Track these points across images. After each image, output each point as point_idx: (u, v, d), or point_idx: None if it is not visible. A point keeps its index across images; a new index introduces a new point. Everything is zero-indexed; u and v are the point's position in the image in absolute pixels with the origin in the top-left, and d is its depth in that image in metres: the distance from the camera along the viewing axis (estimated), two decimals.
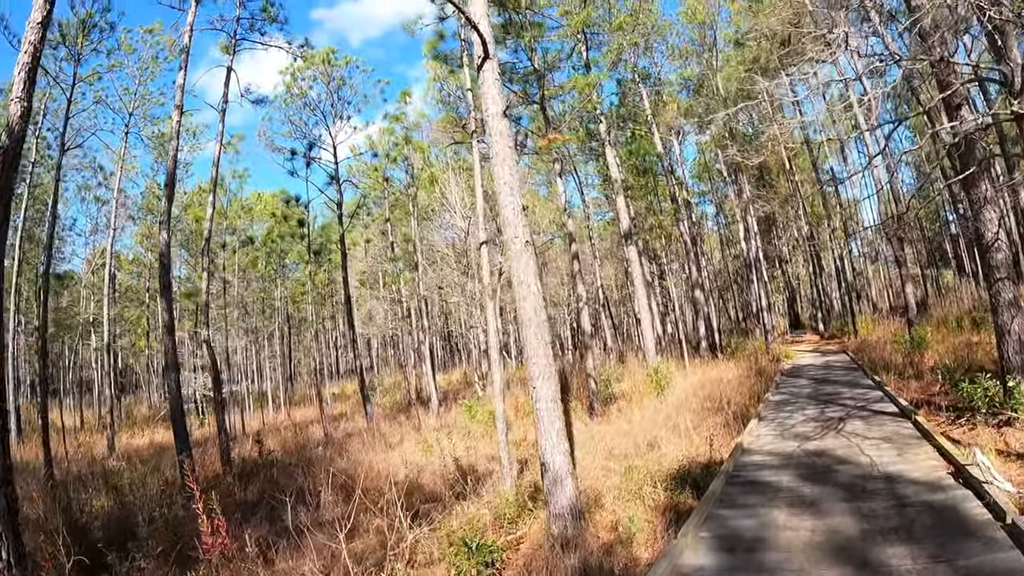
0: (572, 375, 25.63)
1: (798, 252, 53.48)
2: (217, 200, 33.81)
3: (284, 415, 34.60)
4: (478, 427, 20.22)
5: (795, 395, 17.86)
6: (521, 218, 9.74)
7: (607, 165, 26.54)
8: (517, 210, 9.75)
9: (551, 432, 9.27)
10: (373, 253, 37.39)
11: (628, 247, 25.28)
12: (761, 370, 23.20)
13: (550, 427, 9.28)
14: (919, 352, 20.38)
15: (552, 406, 9.30)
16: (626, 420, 18.58)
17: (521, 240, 9.62)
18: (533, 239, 10.03)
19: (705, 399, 18.36)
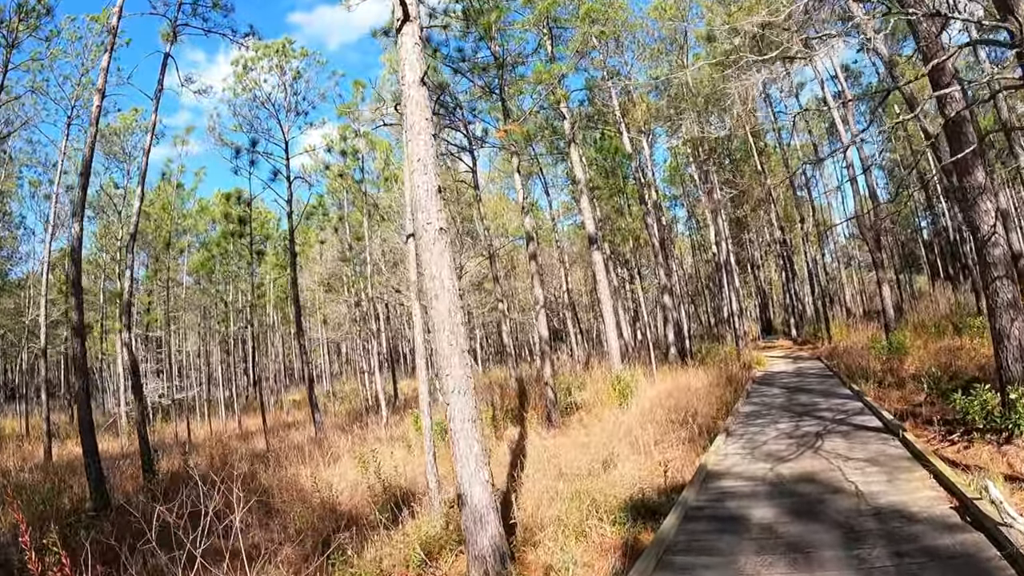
0: (531, 383, 23.86)
1: (770, 257, 52.13)
2: (172, 198, 31.89)
3: (236, 423, 32.52)
4: (435, 438, 18.36)
5: (767, 406, 16.17)
6: (436, 201, 8.00)
7: (572, 164, 24.77)
8: (431, 191, 8.02)
9: (468, 458, 7.51)
10: (333, 255, 35.39)
11: (593, 250, 23.56)
12: (731, 378, 21.58)
13: (467, 452, 7.52)
14: (898, 358, 18.89)
15: (469, 427, 7.54)
16: (585, 432, 16.91)
17: (435, 227, 7.88)
18: (491, 240, 8.26)
19: (671, 410, 16.71)
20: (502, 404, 21.68)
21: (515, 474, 12.64)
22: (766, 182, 37.28)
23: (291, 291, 25.05)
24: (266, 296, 40.44)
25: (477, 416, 7.70)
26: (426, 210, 7.99)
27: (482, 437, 7.72)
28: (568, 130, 24.60)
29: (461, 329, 7.78)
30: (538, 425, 18.99)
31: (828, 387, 17.85)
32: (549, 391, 18.53)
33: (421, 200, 8.05)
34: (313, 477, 14.92)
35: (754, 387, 20.42)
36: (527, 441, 17.04)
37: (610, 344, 22.79)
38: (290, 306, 29.83)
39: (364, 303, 33.91)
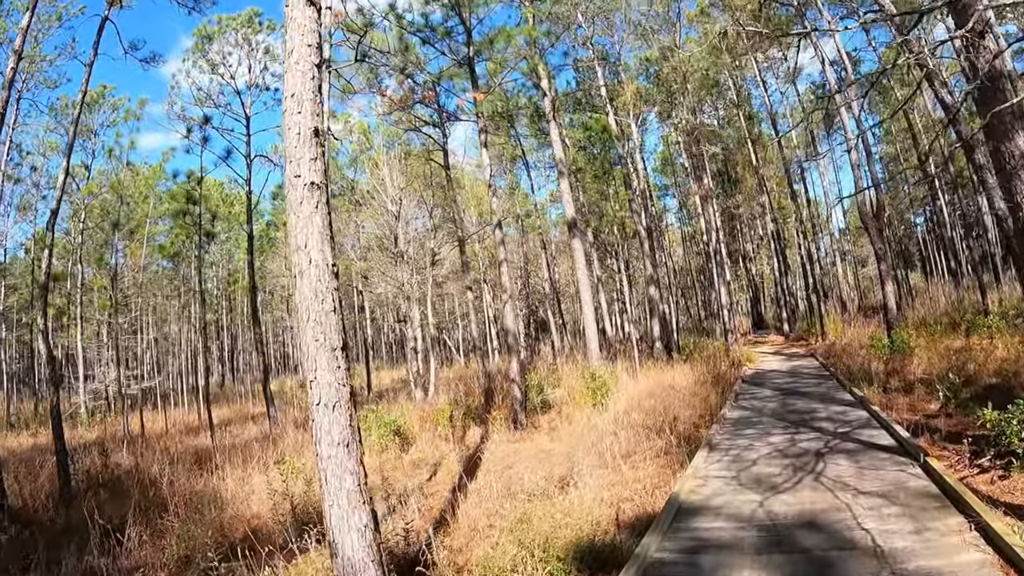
0: (502, 379, 21.63)
1: (762, 249, 49.84)
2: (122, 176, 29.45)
3: (198, 415, 30.24)
4: (377, 441, 16.19)
5: (757, 411, 13.91)
6: (310, 147, 5.81)
7: (552, 143, 22.48)
8: (305, 135, 5.81)
9: (339, 495, 5.36)
10: None
11: (573, 236, 21.30)
12: (719, 377, 19.40)
13: (337, 487, 5.37)
14: (902, 359, 16.68)
15: (342, 454, 5.39)
16: (552, 437, 14.79)
17: (304, 181, 5.67)
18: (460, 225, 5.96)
19: (650, 412, 14.62)
20: (466, 402, 19.46)
21: (460, 489, 10.50)
22: (760, 171, 34.99)
23: (247, 275, 22.77)
24: (239, 283, 38.06)
25: (355, 437, 5.52)
26: (296, 159, 5.81)
27: (357, 465, 5.49)
28: (548, 108, 22.27)
29: (332, 320, 5.59)
30: (503, 426, 16.89)
31: (826, 390, 15.57)
32: (516, 390, 16.33)
33: (291, 147, 5.90)
34: (244, 484, 12.81)
35: (743, 387, 18.17)
36: (486, 446, 14.99)
37: (588, 338, 20.61)
38: (248, 291, 27.47)
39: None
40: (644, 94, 32.46)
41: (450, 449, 15.28)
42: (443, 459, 14.30)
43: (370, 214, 30.43)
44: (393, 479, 13.57)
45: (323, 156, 6.15)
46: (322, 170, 6.07)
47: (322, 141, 6.19)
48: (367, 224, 31.27)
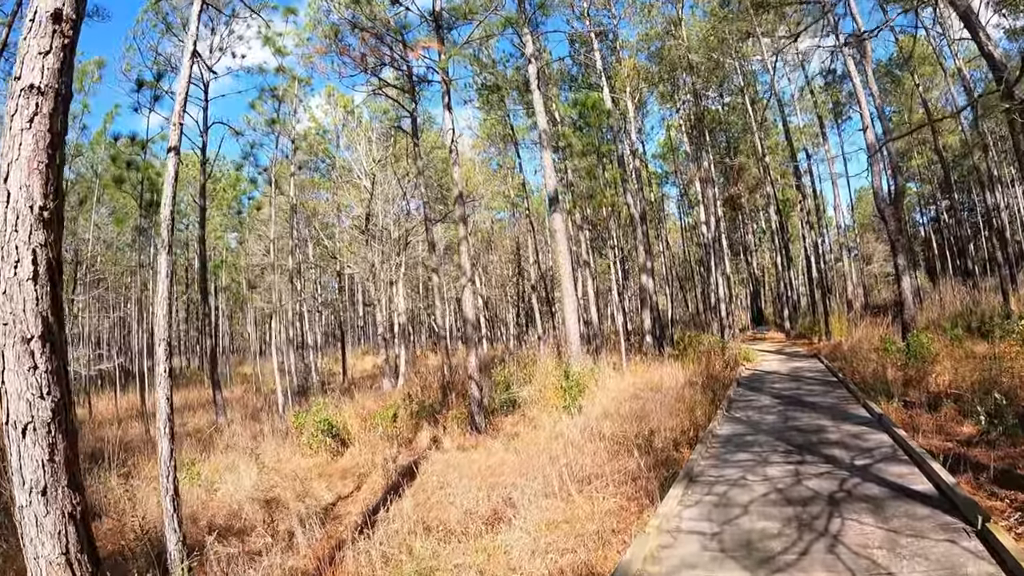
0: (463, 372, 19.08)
1: (765, 243, 46.96)
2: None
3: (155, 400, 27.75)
4: (308, 442, 13.64)
5: (753, 427, 11.23)
6: (44, 37, 3.33)
7: (535, 111, 19.76)
8: (42, 19, 3.26)
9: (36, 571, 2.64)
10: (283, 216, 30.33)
11: (554, 213, 18.63)
12: (712, 377, 16.83)
13: (34, 556, 2.83)
14: (921, 366, 14.00)
15: (38, 505, 3.61)
16: (509, 446, 12.56)
17: (24, 82, 3.42)
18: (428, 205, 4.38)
19: (628, 419, 12.09)
20: (422, 398, 16.87)
21: (373, 513, 9.01)
22: (764, 158, 32.14)
23: (199, 249, 20.16)
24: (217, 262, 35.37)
25: (62, 478, 2.94)
26: (23, 54, 3.20)
27: (72, 524, 2.98)
28: (533, 75, 19.55)
29: (29, 292, 2.99)
30: (460, 429, 14.32)
31: (835, 401, 12.86)
32: (473, 388, 13.80)
33: (22, 39, 3.27)
34: (149, 492, 10.48)
35: (739, 393, 15.50)
36: (432, 453, 12.39)
37: (569, 329, 18.01)
38: (197, 266, 24.88)
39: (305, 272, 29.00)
40: (644, 74, 29.72)
41: (392, 455, 12.79)
42: (376, 468, 11.77)
43: (347, 192, 27.83)
44: (312, 491, 11.07)
45: (62, 55, 3.55)
46: (55, 71, 3.48)
47: (66, 32, 3.56)
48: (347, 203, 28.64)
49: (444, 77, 14.98)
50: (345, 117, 29.30)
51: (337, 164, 27.69)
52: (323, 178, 31.46)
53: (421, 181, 20.52)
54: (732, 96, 39.62)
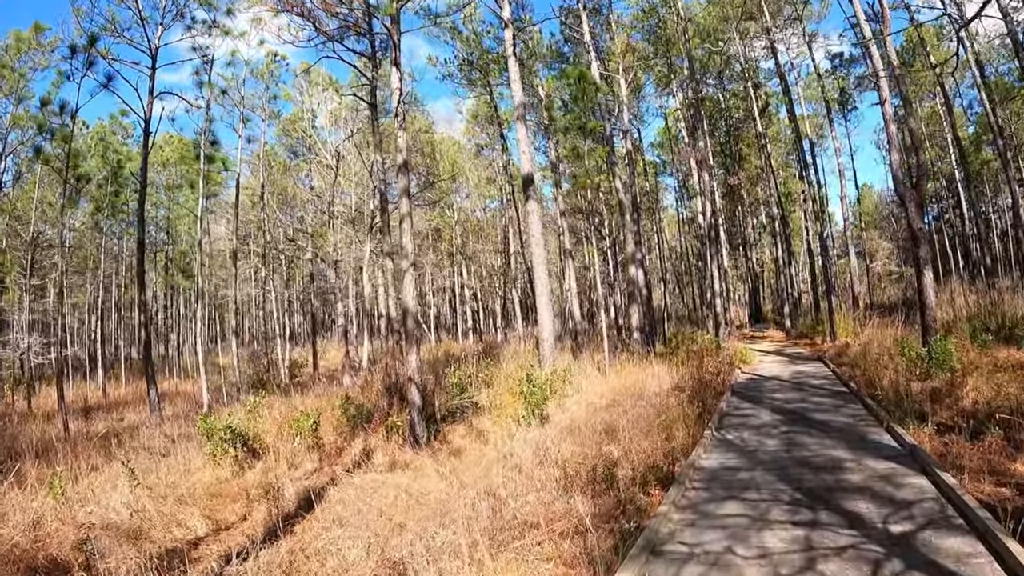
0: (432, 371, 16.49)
1: (765, 237, 44.16)
2: None
3: (103, 391, 25.30)
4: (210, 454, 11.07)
5: (748, 457, 8.61)
6: None
7: (509, 80, 17.14)
8: None
9: None
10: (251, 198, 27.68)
11: (527, 196, 16.06)
12: (703, 382, 14.25)
13: None
14: (949, 378, 11.41)
15: None
16: (445, 467, 10.45)
17: None
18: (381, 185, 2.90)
19: (595, 437, 9.65)
20: (361, 400, 14.32)
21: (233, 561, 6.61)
22: (766, 146, 29.48)
23: (137, 230, 17.60)
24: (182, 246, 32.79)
25: None
26: None
27: None
28: (509, 40, 16.96)
29: None
30: (402, 439, 11.74)
31: (850, 420, 10.22)
32: (413, 392, 11.30)
33: None
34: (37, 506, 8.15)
35: (732, 404, 12.89)
36: (357, 472, 9.91)
37: (542, 324, 15.48)
38: (135, 249, 22.30)
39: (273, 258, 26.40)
40: (640, 53, 27.01)
41: (309, 471, 10.34)
42: (273, 490, 9.26)
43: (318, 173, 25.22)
44: (187, 518, 8.57)
45: None
46: None
47: None
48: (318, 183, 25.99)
49: (392, 27, 12.39)
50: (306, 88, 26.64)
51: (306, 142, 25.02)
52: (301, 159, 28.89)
53: (379, 157, 17.87)
54: (734, 83, 36.94)
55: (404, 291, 12.39)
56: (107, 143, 28.46)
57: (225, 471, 10.63)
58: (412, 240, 12.46)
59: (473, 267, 39.39)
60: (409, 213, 12.51)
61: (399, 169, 12.75)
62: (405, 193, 12.63)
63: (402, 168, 12.68)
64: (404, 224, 12.45)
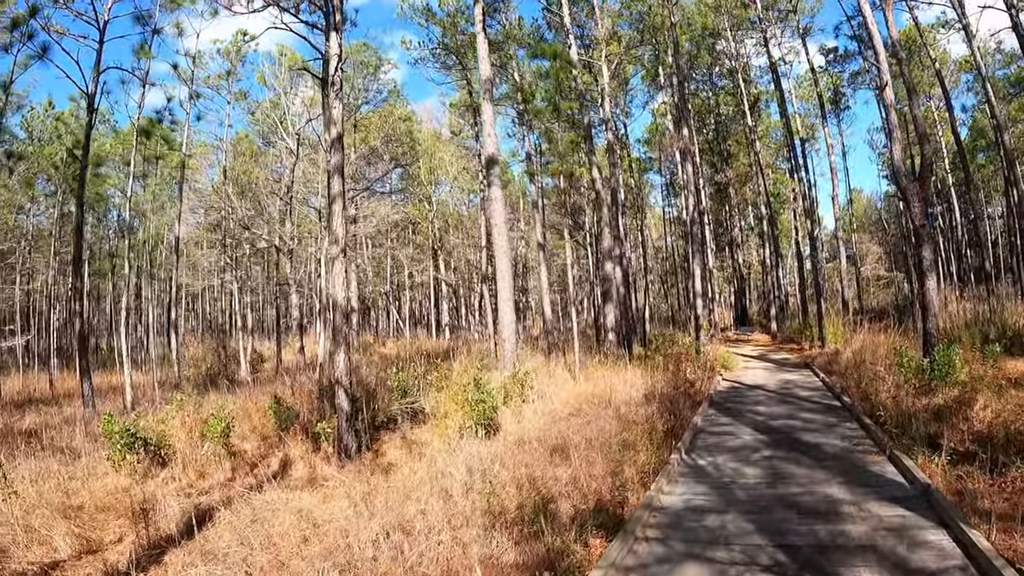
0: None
1: (752, 239, 42.45)
2: None
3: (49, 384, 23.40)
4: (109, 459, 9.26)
5: (722, 494, 6.84)
6: None
7: (477, 56, 15.38)
8: None
9: None
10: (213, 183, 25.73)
11: (490, 182, 14.27)
12: (679, 391, 12.51)
13: None
14: (960, 394, 9.71)
15: None
16: (365, 488, 8.34)
17: None
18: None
19: (545, 455, 8.30)
20: (291, 402, 12.49)
21: None
22: (755, 143, 27.79)
23: (76, 214, 15.77)
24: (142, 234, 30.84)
25: None
26: None
27: None
28: (479, 16, 15.19)
29: None
30: (329, 450, 9.98)
31: (846, 445, 8.45)
32: (342, 397, 9.60)
33: None
34: None
35: (709, 417, 11.14)
36: (267, 489, 8.34)
37: (503, 321, 13.82)
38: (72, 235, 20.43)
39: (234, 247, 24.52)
40: (626, 40, 25.26)
41: (219, 482, 8.75)
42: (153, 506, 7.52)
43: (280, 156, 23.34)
44: (52, 536, 6.86)
45: None
46: None
47: None
48: None
49: None
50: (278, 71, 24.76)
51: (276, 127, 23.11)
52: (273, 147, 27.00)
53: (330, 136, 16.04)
54: (724, 80, 35.26)
55: (333, 281, 10.58)
56: (65, 124, 26.58)
57: (126, 479, 8.91)
58: (344, 224, 10.72)
59: (452, 262, 37.58)
60: (340, 193, 10.76)
61: (331, 144, 11.00)
62: (337, 171, 10.88)
63: (335, 143, 10.94)
64: (335, 206, 10.70)
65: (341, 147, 11.24)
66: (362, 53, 32.74)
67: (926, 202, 12.75)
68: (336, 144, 11.04)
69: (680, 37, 23.88)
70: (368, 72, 32.95)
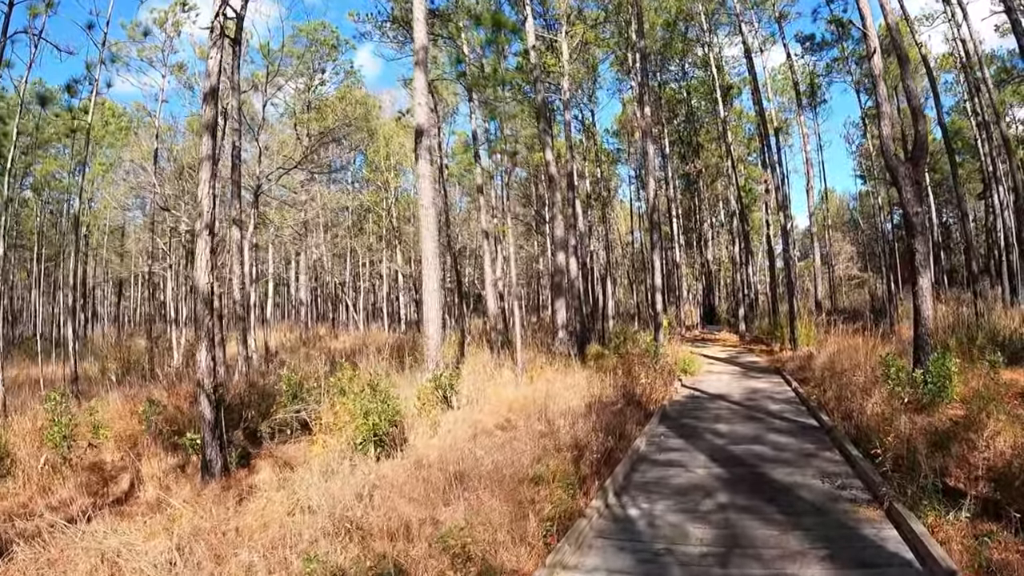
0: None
1: (723, 236, 40.43)
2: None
3: None
4: None
5: (657, 565, 4.53)
6: None
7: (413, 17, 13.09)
8: None
9: None
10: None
11: (417, 156, 11.94)
12: (628, 402, 10.30)
13: None
14: (951, 410, 7.67)
15: None
16: (184, 527, 5.48)
17: None
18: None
19: (439, 489, 6.20)
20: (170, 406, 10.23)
21: None
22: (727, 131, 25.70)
23: None
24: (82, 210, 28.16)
25: None
26: None
27: None
28: None
29: None
30: (177, 480, 7.67)
31: (830, 489, 6.20)
32: (204, 403, 7.38)
33: None
34: None
35: (657, 439, 8.89)
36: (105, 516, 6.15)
37: (427, 317, 11.62)
38: None
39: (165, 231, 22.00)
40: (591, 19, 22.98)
41: (61, 501, 7.09)
42: None
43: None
44: None
45: None
46: None
47: None
48: None
49: None
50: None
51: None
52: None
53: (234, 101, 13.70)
54: (697, 70, 33.20)
55: (196, 264, 8.29)
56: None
57: None
58: (211, 194, 8.44)
59: (413, 253, 35.17)
60: (209, 157, 8.48)
61: (204, 97, 8.75)
62: (208, 129, 8.63)
63: (208, 97, 8.68)
64: (202, 172, 8.46)
65: (215, 102, 8.99)
66: (319, 31, 30.66)
67: (920, 186, 10.60)
68: (209, 98, 8.82)
69: (645, 12, 21.63)
70: (324, 51, 30.73)
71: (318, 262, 32.96)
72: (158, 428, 9.50)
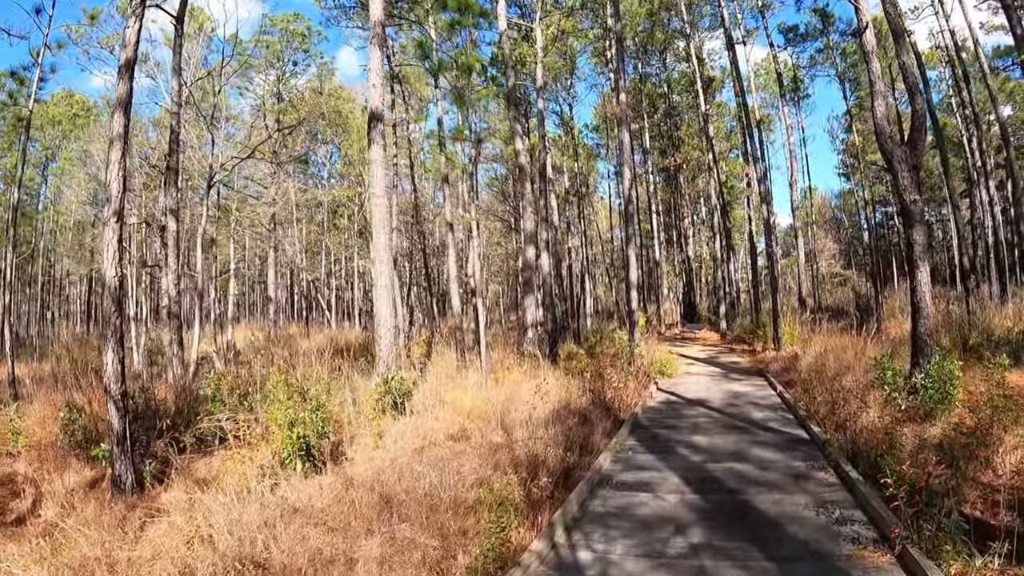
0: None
1: (704, 232, 39.43)
2: None
3: None
4: None
5: None
6: None
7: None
8: None
9: None
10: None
11: (371, 141, 10.72)
12: (597, 408, 9.19)
13: None
14: (955, 418, 6.51)
15: None
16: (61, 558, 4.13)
17: None
18: None
19: (371, 511, 5.21)
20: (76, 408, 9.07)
21: None
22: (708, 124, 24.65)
23: None
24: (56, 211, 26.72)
25: None
26: None
27: None
28: None
29: None
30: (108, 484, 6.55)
31: (825, 523, 5.08)
32: (112, 412, 6.44)
33: None
34: None
35: (624, 455, 7.76)
36: None
37: (379, 315, 10.44)
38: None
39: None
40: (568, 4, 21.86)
41: None
42: None
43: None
44: None
45: None
46: None
47: None
48: None
49: None
50: None
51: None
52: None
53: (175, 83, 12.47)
54: (679, 63, 32.21)
55: (104, 255, 7.14)
56: None
57: None
58: (120, 178, 7.27)
59: None
60: (121, 136, 7.30)
61: (120, 70, 7.61)
62: (121, 106, 7.46)
63: (123, 70, 7.64)
64: (112, 152, 7.31)
65: (129, 75, 7.93)
66: (291, 23, 29.61)
67: (917, 170, 9.50)
68: (124, 71, 7.76)
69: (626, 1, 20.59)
70: (295, 41, 29.57)
71: (292, 259, 31.62)
72: (77, 437, 8.39)
